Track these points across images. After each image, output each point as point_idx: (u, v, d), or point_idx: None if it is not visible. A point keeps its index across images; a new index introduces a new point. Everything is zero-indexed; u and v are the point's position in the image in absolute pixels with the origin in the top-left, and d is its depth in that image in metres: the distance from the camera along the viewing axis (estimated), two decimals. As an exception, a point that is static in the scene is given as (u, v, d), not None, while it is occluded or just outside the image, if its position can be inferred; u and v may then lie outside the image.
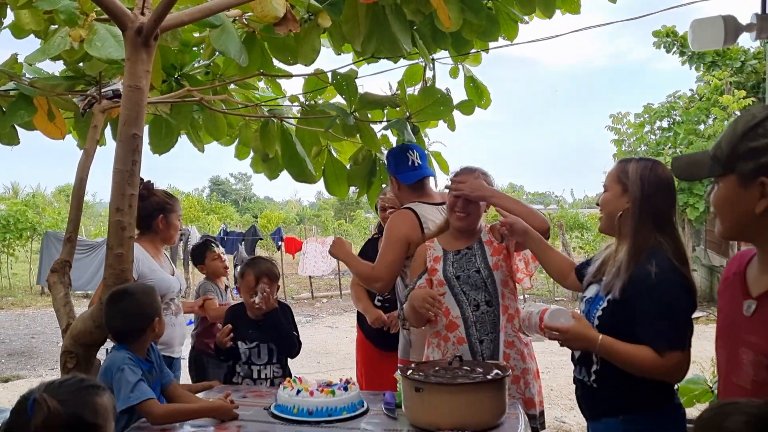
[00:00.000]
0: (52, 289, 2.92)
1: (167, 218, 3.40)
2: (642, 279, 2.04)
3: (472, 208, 2.84)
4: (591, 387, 2.17)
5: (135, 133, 2.33)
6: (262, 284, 3.02)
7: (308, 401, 2.31)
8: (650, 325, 2.03)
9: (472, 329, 2.77)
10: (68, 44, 2.53)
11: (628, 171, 2.17)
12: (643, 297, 2.04)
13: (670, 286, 2.03)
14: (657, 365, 2.01)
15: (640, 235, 2.10)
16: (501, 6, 3.49)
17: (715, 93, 12.21)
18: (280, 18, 2.78)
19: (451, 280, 2.82)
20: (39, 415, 1.46)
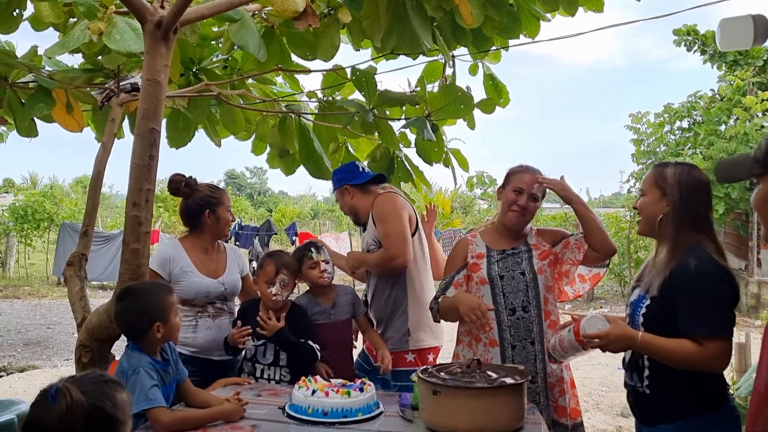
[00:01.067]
0: (68, 282, 2.92)
1: (215, 213, 3.14)
2: (682, 272, 2.09)
3: (530, 208, 2.81)
4: (644, 393, 2.19)
5: (153, 128, 2.31)
6: (282, 275, 2.99)
7: (323, 402, 2.28)
8: (690, 314, 2.06)
9: (506, 333, 2.73)
10: (87, 37, 2.52)
11: (666, 175, 2.24)
12: (683, 288, 2.08)
13: (710, 276, 2.07)
14: (698, 355, 2.03)
15: (679, 237, 2.16)
16: (523, 3, 3.44)
17: (737, 93, 12.04)
18: (299, 12, 2.75)
19: (494, 279, 2.79)
20: (62, 403, 1.46)
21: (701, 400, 2.12)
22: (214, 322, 3.06)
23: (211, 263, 3.15)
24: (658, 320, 2.13)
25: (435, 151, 3.51)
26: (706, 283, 2.07)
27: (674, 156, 12.51)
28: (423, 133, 3.05)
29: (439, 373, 2.23)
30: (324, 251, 3.21)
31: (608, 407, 5.93)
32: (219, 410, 2.32)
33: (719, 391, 2.16)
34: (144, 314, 2.29)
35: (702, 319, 2.05)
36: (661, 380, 2.15)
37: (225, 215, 3.17)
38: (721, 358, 2.05)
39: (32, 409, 1.51)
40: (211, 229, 3.14)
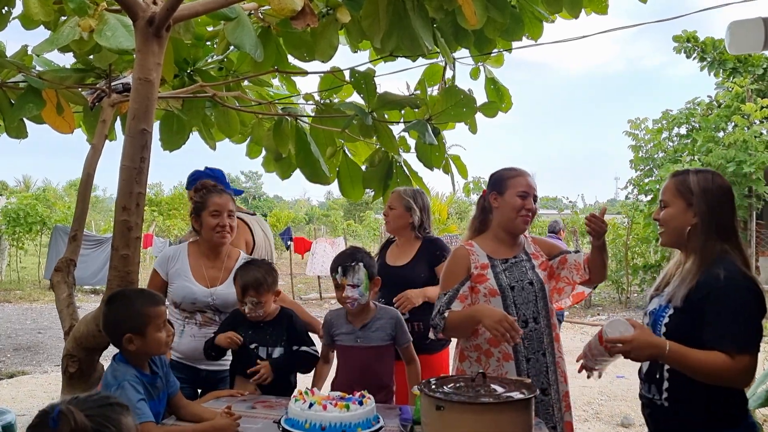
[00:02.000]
0: (56, 288, 2.82)
1: (200, 217, 3.01)
2: (710, 283, 2.05)
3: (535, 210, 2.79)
4: (662, 406, 2.13)
5: (144, 129, 2.21)
6: (250, 296, 2.79)
7: (321, 416, 2.18)
8: (719, 328, 2.01)
9: (520, 346, 2.62)
10: (78, 34, 2.43)
11: (689, 184, 2.19)
12: (711, 300, 2.03)
13: (739, 288, 2.03)
14: (729, 369, 1.97)
15: (707, 248, 2.11)
16: (526, 4, 3.37)
17: (736, 100, 12.03)
18: (297, 12, 2.67)
19: (505, 290, 2.67)
20: (64, 428, 1.35)
21: (721, 416, 2.06)
22: (200, 331, 2.94)
23: (210, 271, 3.02)
24: (682, 331, 2.07)
25: (436, 155, 3.43)
26: (736, 296, 2.01)
27: (672, 162, 12.48)
28: (424, 137, 2.97)
29: (442, 386, 2.13)
30: (356, 272, 2.82)
31: (608, 416, 5.84)
32: (211, 425, 2.22)
33: (739, 407, 2.10)
34: (117, 324, 2.16)
35: (731, 332, 1.99)
36: (681, 394, 2.09)
37: (208, 220, 2.99)
38: (749, 374, 2.00)
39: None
40: (202, 235, 3.03)
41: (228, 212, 3.03)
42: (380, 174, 3.70)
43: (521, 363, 2.62)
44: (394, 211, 3.57)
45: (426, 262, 3.52)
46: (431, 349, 3.39)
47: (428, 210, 3.67)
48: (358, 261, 2.82)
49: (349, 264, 2.82)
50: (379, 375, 2.83)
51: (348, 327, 2.88)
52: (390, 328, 2.87)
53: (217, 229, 2.98)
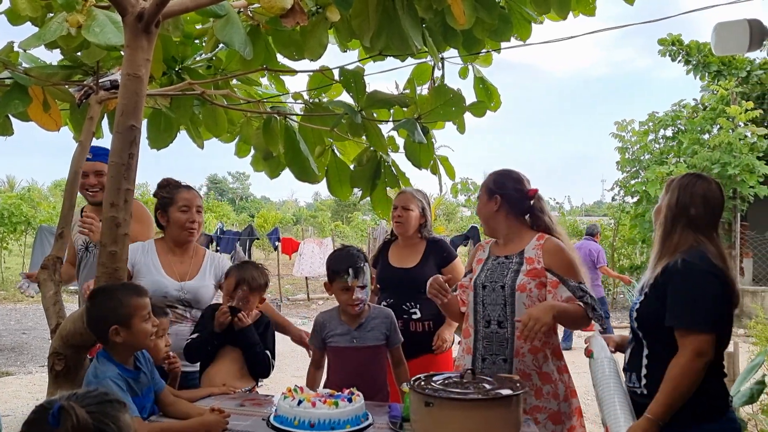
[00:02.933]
0: (42, 286, 2.79)
1: (166, 213, 3.04)
2: (671, 266, 2.20)
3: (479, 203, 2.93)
4: (642, 394, 2.21)
5: (133, 125, 2.20)
6: (241, 290, 2.80)
7: (310, 412, 2.18)
8: (673, 307, 2.15)
9: (479, 344, 2.68)
10: (65, 30, 2.41)
11: (672, 183, 2.39)
12: (671, 283, 2.18)
13: (697, 271, 2.15)
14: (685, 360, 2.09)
15: (672, 238, 2.27)
16: (514, 5, 3.39)
17: (721, 103, 12.15)
18: (287, 10, 2.67)
19: (477, 287, 2.73)
20: (66, 424, 1.33)
21: (703, 408, 2.12)
22: (172, 328, 2.91)
23: (180, 266, 3.04)
24: (649, 316, 2.22)
25: (424, 155, 3.43)
26: (692, 278, 2.14)
27: (658, 164, 12.58)
28: (413, 135, 2.97)
29: (431, 383, 2.14)
30: (364, 273, 2.81)
31: (594, 416, 5.87)
32: (199, 421, 2.22)
33: (721, 399, 2.17)
34: (102, 317, 2.16)
35: (684, 312, 2.11)
36: (657, 380, 2.15)
37: (176, 216, 3.01)
38: (705, 353, 2.09)
39: (27, 428, 1.38)
40: (168, 231, 3.04)
41: (197, 208, 3.07)
42: (368, 173, 3.69)
43: (477, 360, 2.66)
44: (412, 212, 3.62)
45: (434, 263, 3.56)
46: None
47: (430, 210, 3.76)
48: (364, 261, 2.83)
49: (359, 266, 2.80)
50: (374, 376, 2.82)
51: (343, 328, 2.86)
52: (385, 327, 2.88)
53: (186, 225, 3.01)
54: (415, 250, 3.64)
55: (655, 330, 2.21)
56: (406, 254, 3.64)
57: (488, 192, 2.85)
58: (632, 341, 2.35)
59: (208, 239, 15.20)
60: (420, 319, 3.39)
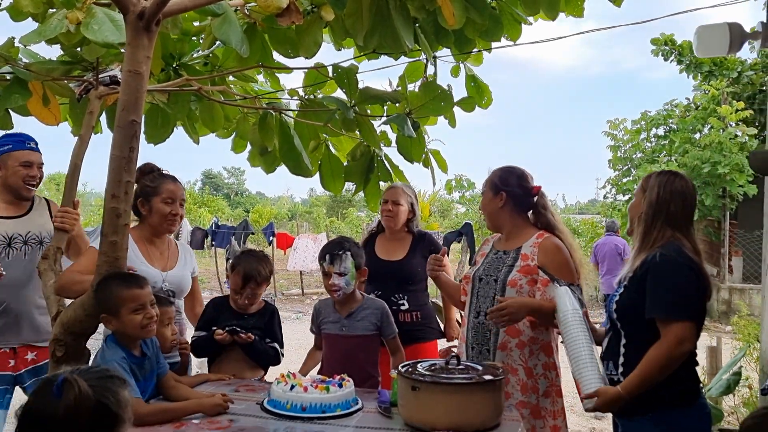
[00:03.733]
0: (43, 275, 2.87)
1: (149, 203, 2.98)
2: (650, 259, 2.29)
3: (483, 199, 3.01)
4: (619, 381, 2.28)
5: (133, 120, 2.28)
6: (249, 288, 2.89)
7: (302, 397, 2.28)
8: (652, 297, 2.23)
9: (469, 334, 2.79)
10: (65, 27, 2.48)
11: (650, 180, 2.44)
12: (649, 274, 2.27)
13: (674, 263, 2.24)
14: (664, 347, 2.17)
15: (651, 233, 2.34)
16: (505, 6, 3.47)
17: (712, 102, 12.28)
18: (283, 9, 2.75)
19: (475, 279, 2.84)
20: (69, 394, 1.40)
21: (675, 394, 2.22)
22: None
23: (160, 256, 3.05)
24: (628, 308, 2.30)
25: (416, 149, 3.52)
26: (669, 269, 2.24)
27: (650, 163, 12.71)
28: (404, 130, 3.07)
29: (417, 369, 2.24)
30: (343, 261, 2.90)
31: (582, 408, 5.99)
32: (198, 403, 2.32)
33: (693, 386, 2.27)
34: (97, 304, 2.30)
35: (664, 301, 2.20)
36: (634, 368, 2.23)
37: (159, 206, 2.96)
38: (686, 340, 2.18)
39: (33, 398, 1.46)
40: (148, 221, 3.01)
41: (180, 201, 3.04)
42: (361, 168, 3.78)
43: (468, 348, 2.78)
44: (402, 207, 3.72)
45: (421, 256, 3.67)
46: (424, 338, 3.56)
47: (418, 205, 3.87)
48: (345, 250, 2.92)
49: (337, 252, 2.92)
50: (362, 364, 2.91)
51: (334, 316, 2.98)
52: (375, 318, 2.96)
53: (169, 217, 2.98)
54: (402, 244, 3.74)
55: (633, 320, 2.29)
56: (393, 247, 3.74)
57: (493, 188, 2.92)
58: (609, 331, 2.44)
59: (203, 234, 15.26)
60: (408, 309, 3.53)
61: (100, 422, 1.44)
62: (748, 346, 4.26)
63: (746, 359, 4.19)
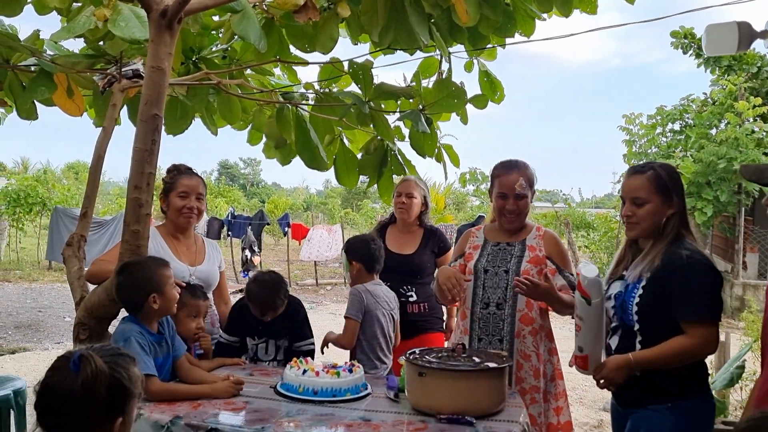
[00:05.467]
0: (67, 262, 2.99)
1: (167, 198, 3.06)
2: (674, 261, 2.25)
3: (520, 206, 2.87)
4: (634, 376, 2.29)
5: (156, 114, 2.38)
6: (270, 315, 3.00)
7: (314, 381, 2.38)
8: (684, 299, 2.21)
9: (475, 325, 2.84)
10: (93, 23, 2.59)
11: (664, 181, 2.36)
12: (677, 277, 2.23)
13: (701, 265, 2.25)
14: (690, 344, 2.20)
15: (666, 228, 2.34)
16: (519, 2, 3.52)
17: (730, 98, 12.18)
18: (300, 6, 2.83)
19: (479, 272, 2.87)
20: (86, 370, 1.47)
21: (689, 385, 2.27)
22: None
23: (187, 251, 3.12)
24: (652, 306, 2.27)
25: (428, 144, 3.60)
26: (698, 271, 2.24)
27: (665, 158, 12.64)
28: (417, 126, 3.14)
29: (425, 356, 2.32)
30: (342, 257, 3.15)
31: (591, 402, 6.06)
32: (211, 388, 2.42)
33: (704, 377, 2.32)
34: (139, 287, 2.39)
35: (694, 304, 2.21)
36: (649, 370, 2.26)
37: (175, 201, 3.03)
38: (711, 343, 2.22)
39: (51, 374, 1.52)
40: (168, 216, 3.09)
41: (197, 195, 3.08)
42: (375, 161, 3.86)
43: (473, 341, 2.82)
44: (415, 200, 3.79)
45: (431, 251, 3.76)
46: (431, 328, 3.70)
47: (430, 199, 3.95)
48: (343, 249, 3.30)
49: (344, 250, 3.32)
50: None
51: None
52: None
53: (183, 210, 3.04)
54: (413, 237, 3.82)
55: (653, 320, 2.27)
56: (404, 240, 3.82)
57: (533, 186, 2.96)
58: (617, 329, 2.39)
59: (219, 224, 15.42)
60: (416, 301, 3.65)
61: (114, 396, 1.52)
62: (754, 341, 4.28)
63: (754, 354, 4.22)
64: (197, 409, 2.26)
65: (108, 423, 1.51)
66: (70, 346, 2.64)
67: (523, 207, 2.88)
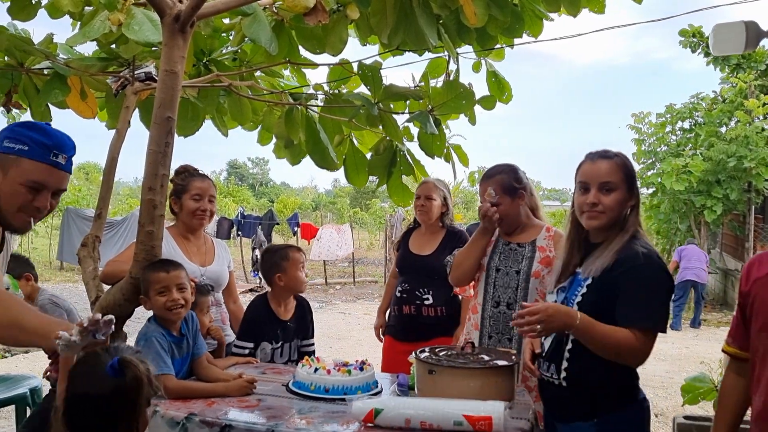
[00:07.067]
0: (82, 262, 3.03)
1: (180, 200, 3.12)
2: (631, 258, 2.09)
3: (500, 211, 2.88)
4: (560, 387, 2.18)
5: (169, 116, 2.42)
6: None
7: (325, 379, 2.41)
8: (634, 303, 2.06)
9: (486, 322, 2.88)
10: (108, 27, 2.63)
11: (630, 167, 2.24)
12: (630, 277, 2.07)
13: (656, 268, 2.10)
14: (633, 346, 2.02)
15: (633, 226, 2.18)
16: (527, 3, 3.53)
17: (740, 96, 12.14)
18: (310, 8, 2.87)
19: (490, 270, 2.91)
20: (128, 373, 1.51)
21: (616, 395, 2.14)
22: None
23: (198, 252, 3.18)
24: (595, 304, 2.10)
25: (437, 144, 3.62)
26: (653, 275, 2.08)
27: (674, 156, 12.61)
28: (426, 127, 3.16)
29: (435, 354, 2.36)
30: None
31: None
32: (225, 386, 2.46)
33: (633, 384, 2.19)
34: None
35: (646, 310, 2.05)
36: (578, 373, 2.14)
37: (188, 203, 3.10)
38: (648, 352, 2.07)
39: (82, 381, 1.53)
40: (181, 218, 3.15)
41: (209, 197, 3.16)
42: (384, 162, 3.89)
43: (484, 337, 2.86)
44: (434, 201, 3.82)
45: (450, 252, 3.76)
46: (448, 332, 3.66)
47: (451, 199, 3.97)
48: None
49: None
50: None
51: None
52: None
53: (197, 213, 3.12)
54: (434, 238, 3.83)
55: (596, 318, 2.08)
56: (425, 241, 3.85)
57: (511, 192, 2.94)
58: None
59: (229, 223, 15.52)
60: (432, 304, 3.64)
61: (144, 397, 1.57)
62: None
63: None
64: (212, 407, 2.30)
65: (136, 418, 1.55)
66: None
67: (501, 212, 2.87)
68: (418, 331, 3.64)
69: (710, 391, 3.69)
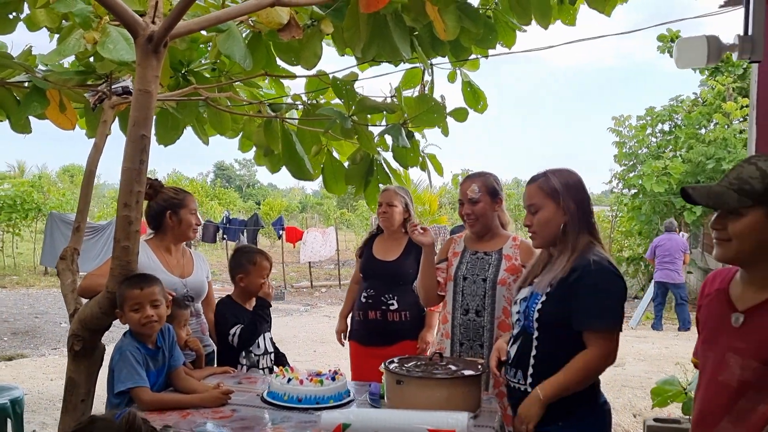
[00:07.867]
0: (61, 275, 3.08)
1: (177, 214, 3.23)
2: (582, 267, 2.21)
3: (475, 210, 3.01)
4: (526, 393, 2.27)
5: (143, 134, 2.47)
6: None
7: (298, 389, 2.47)
8: (589, 308, 2.18)
9: (456, 330, 2.96)
10: (83, 46, 2.68)
11: (553, 185, 2.33)
12: (583, 282, 2.19)
13: (607, 272, 2.22)
14: (595, 357, 2.17)
15: (579, 241, 2.28)
16: (499, 15, 3.61)
17: (718, 98, 12.32)
18: (284, 24, 2.92)
19: (458, 279, 3.00)
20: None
21: (579, 400, 2.23)
22: None
23: (177, 264, 3.26)
24: (553, 314, 2.23)
25: (411, 156, 3.69)
26: (606, 279, 2.21)
27: (655, 158, 12.77)
28: (398, 140, 3.23)
29: (403, 365, 2.42)
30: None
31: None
32: (200, 398, 2.52)
33: (592, 389, 2.28)
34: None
35: (601, 313, 2.18)
36: (544, 379, 2.23)
37: (187, 218, 3.24)
38: (613, 353, 2.20)
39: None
40: (173, 231, 3.23)
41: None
42: (362, 171, 3.95)
43: (455, 344, 2.94)
44: (396, 208, 3.90)
45: (414, 258, 3.84)
46: (412, 336, 3.78)
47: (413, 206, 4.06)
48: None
49: None
50: None
51: None
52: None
53: (194, 227, 3.30)
54: (397, 244, 3.92)
55: (552, 329, 2.23)
56: (389, 247, 3.93)
57: (492, 193, 3.07)
58: (519, 337, 2.36)
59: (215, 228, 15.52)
60: (397, 309, 3.74)
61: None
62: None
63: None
64: (186, 419, 2.35)
65: None
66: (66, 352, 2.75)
67: (479, 211, 3.01)
68: (383, 335, 3.74)
69: (679, 394, 3.79)
